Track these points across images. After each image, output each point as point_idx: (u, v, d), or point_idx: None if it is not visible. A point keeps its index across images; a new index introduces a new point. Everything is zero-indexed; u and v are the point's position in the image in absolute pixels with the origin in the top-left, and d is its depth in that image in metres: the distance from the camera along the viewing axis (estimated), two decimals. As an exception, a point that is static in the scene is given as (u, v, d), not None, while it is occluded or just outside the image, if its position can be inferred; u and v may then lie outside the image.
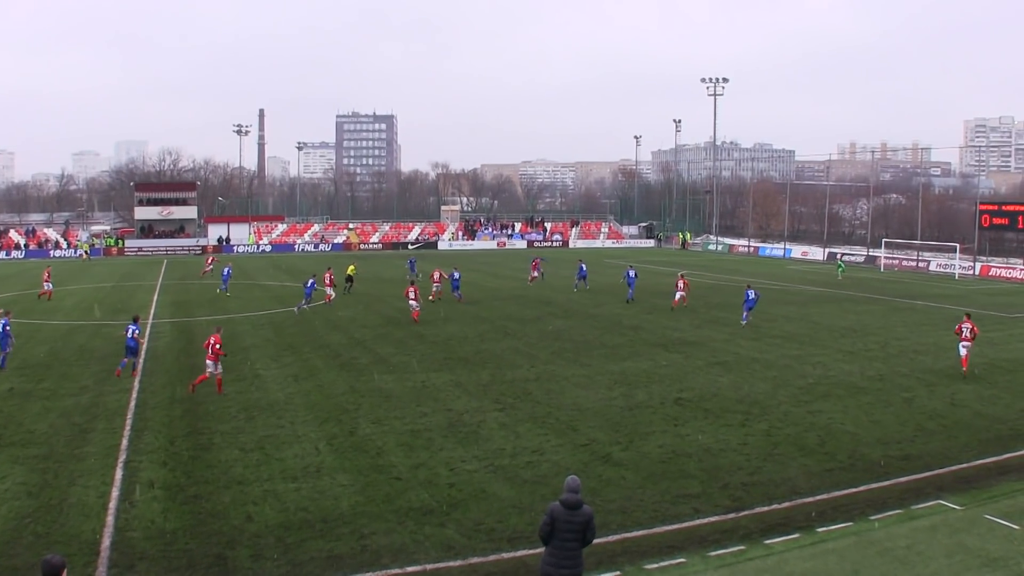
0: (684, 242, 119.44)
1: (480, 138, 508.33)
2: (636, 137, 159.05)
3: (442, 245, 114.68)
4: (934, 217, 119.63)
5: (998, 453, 21.17)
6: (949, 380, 29.70)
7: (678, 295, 47.82)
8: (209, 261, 71.57)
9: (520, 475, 18.95)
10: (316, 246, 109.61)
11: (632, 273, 53.01)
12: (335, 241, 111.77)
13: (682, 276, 50.53)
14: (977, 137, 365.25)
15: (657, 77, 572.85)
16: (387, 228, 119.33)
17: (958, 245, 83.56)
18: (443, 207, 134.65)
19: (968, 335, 31.09)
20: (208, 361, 26.35)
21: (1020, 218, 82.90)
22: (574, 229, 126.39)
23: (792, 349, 35.54)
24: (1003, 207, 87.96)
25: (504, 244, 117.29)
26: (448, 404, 25.27)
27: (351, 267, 59.51)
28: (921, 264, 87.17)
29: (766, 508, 17.22)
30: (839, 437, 22.24)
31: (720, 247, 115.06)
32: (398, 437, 21.77)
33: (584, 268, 59.66)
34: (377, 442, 21.32)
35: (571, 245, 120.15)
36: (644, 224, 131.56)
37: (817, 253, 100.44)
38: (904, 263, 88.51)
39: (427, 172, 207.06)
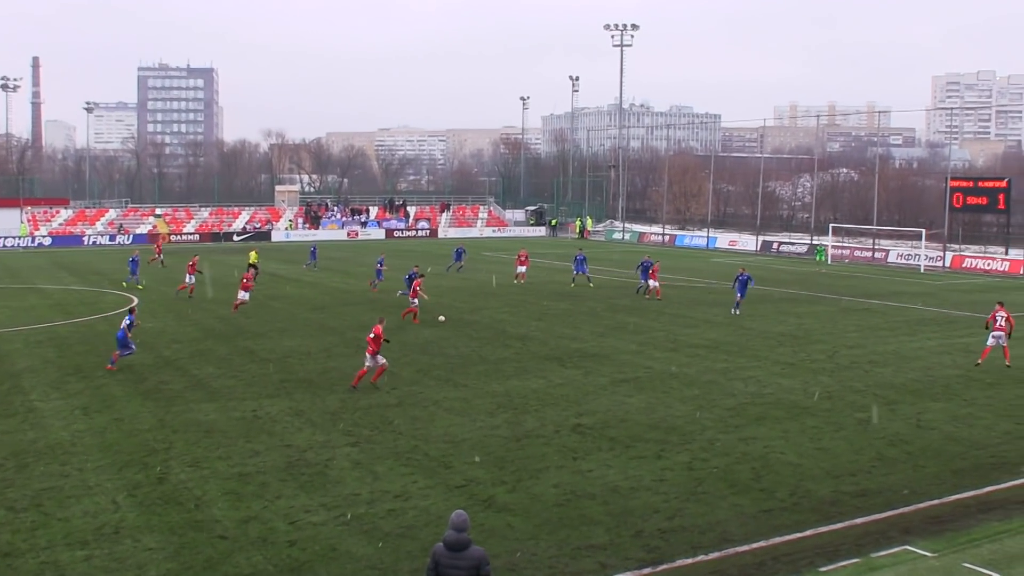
0: (583, 230, 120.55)
1: (326, 101, 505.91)
2: (523, 99, 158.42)
3: (277, 235, 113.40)
4: (894, 196, 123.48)
5: (977, 486, 21.76)
6: (914, 396, 30.52)
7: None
8: None
9: (380, 527, 18.77)
10: (112, 238, 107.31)
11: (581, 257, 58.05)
12: (137, 231, 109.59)
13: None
14: (949, 97, 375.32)
15: (549, 24, 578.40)
16: (206, 214, 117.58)
17: (924, 231, 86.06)
18: (278, 187, 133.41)
19: (1003, 323, 35.15)
20: (367, 354, 30.60)
21: (1001, 196, 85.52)
22: (444, 214, 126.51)
23: (718, 361, 36.09)
24: (979, 183, 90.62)
25: (356, 234, 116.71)
26: (287, 439, 24.94)
27: (253, 253, 61.97)
28: (878, 254, 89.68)
29: (690, 560, 17.37)
30: (779, 470, 22.62)
31: (628, 235, 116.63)
32: (222, 483, 21.37)
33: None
34: (195, 491, 20.89)
35: (441, 235, 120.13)
36: (533, 208, 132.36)
37: (749, 242, 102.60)
38: (857, 253, 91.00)
39: (257, 142, 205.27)
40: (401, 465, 22.73)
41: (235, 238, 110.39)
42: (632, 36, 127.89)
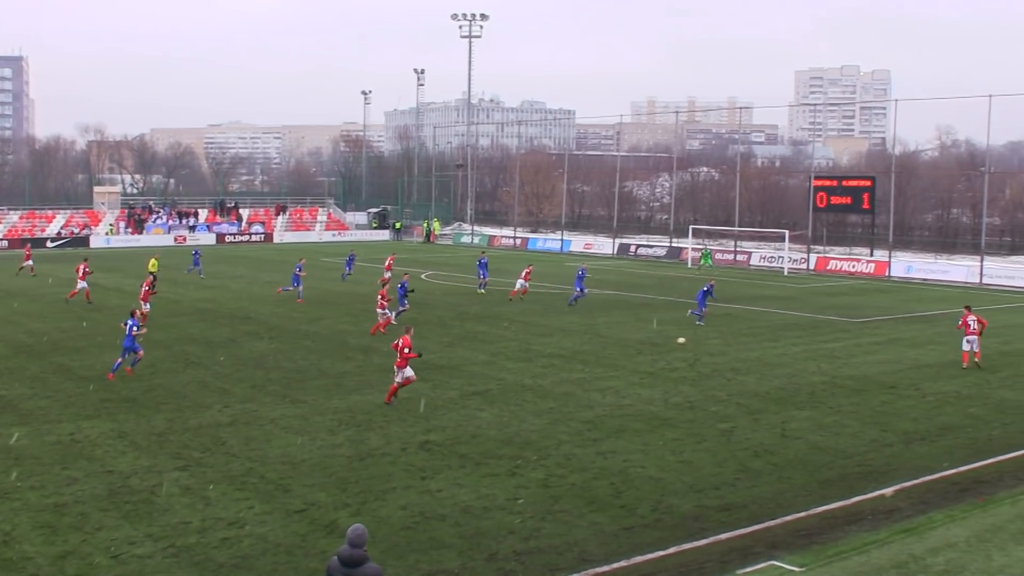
0: (430, 233, 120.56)
1: (150, 94, 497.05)
2: (364, 93, 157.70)
3: (96, 241, 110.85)
4: (757, 196, 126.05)
5: (844, 496, 22.34)
6: (779, 405, 31.18)
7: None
8: None
9: (213, 558, 18.49)
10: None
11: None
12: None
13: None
14: (812, 93, 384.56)
15: (393, 13, 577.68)
16: (16, 218, 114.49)
17: (788, 232, 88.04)
18: (97, 188, 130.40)
19: (975, 328, 37.93)
20: (396, 366, 30.74)
21: (865, 196, 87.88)
22: (280, 217, 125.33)
23: (574, 372, 36.40)
24: (843, 182, 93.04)
25: (184, 239, 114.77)
26: (108, 464, 24.40)
27: (153, 260, 62.19)
28: (741, 257, 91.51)
29: (548, 584, 17.46)
30: (639, 485, 22.88)
31: (478, 239, 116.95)
32: (35, 516, 20.80)
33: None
34: (3, 525, 20.29)
35: (277, 239, 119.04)
36: (376, 210, 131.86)
37: (605, 245, 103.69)
38: (719, 256, 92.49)
39: (73, 139, 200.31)
40: (235, 490, 22.41)
41: (49, 244, 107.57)
42: (481, 27, 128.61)
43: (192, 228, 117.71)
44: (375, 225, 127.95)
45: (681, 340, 42.03)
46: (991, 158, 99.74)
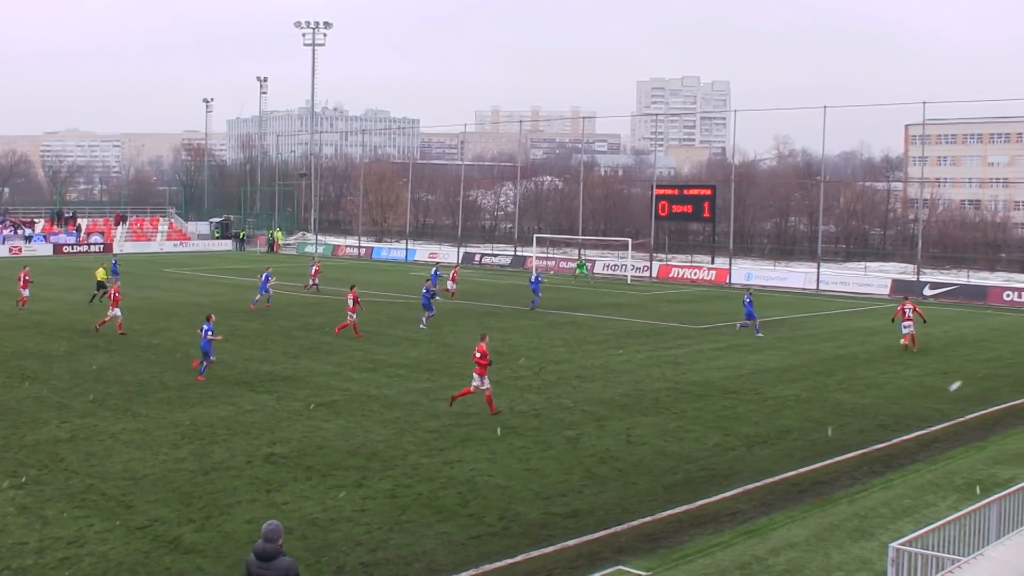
0: (273, 243, 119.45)
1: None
2: (206, 101, 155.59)
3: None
4: (600, 205, 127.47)
5: (688, 500, 22.70)
6: (624, 412, 31.53)
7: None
8: None
9: (51, 578, 18.05)
10: None
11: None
12: None
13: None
14: (654, 103, 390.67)
15: (235, 20, 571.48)
16: None
17: (630, 240, 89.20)
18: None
19: (911, 314, 44.62)
20: (476, 374, 30.69)
21: (706, 204, 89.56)
22: (120, 227, 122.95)
23: (420, 381, 36.38)
24: (684, 191, 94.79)
25: (20, 250, 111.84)
26: (-61, 483, 23.65)
27: (99, 270, 61.67)
28: (585, 265, 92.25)
29: (396, 595, 17.40)
30: (486, 493, 22.94)
31: (322, 248, 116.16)
32: None
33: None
34: None
35: (116, 249, 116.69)
36: (218, 220, 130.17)
37: (450, 254, 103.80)
38: (563, 265, 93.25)
39: None
40: (75, 507, 21.89)
41: None
42: (325, 35, 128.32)
43: (28, 239, 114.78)
44: (217, 235, 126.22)
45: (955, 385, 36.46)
46: (826, 167, 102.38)
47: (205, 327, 36.85)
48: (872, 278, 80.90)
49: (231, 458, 25.87)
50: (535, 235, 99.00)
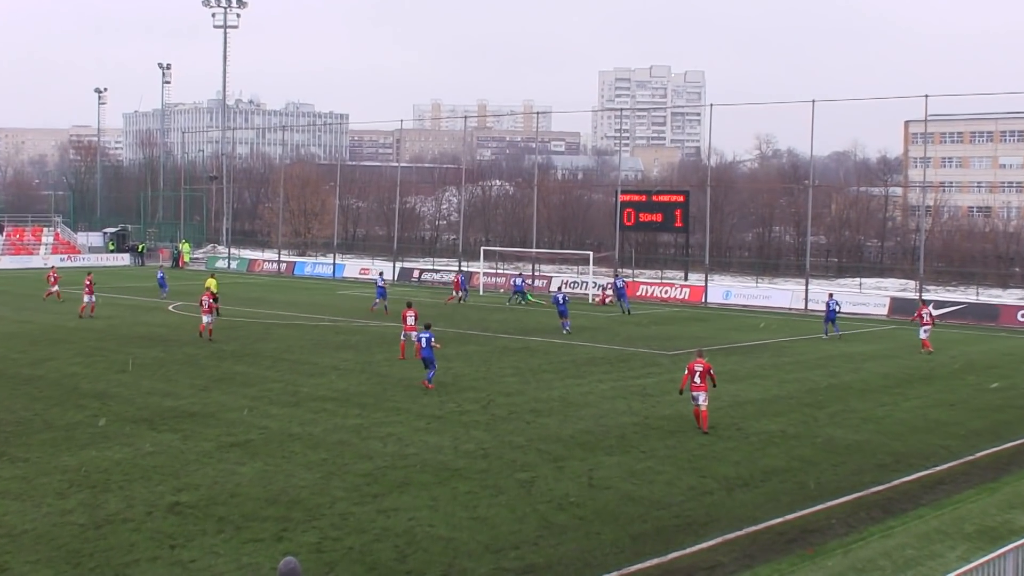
0: (178, 257, 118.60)
1: None
2: (99, 91, 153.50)
3: None
4: (557, 213, 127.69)
5: (659, 552, 22.61)
6: (585, 451, 31.46)
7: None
8: None
9: (-84, 649, 17.81)
10: None
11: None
12: None
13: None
14: (619, 97, 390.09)
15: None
16: None
17: (592, 254, 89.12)
18: None
19: (928, 319, 53.11)
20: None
21: (678, 212, 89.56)
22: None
23: (350, 417, 36.18)
24: (654, 197, 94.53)
25: None
26: None
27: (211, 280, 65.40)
28: (540, 283, 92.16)
29: (322, 665, 17.29)
30: (427, 546, 22.81)
31: (236, 263, 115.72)
32: None
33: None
34: None
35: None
36: (113, 230, 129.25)
37: (384, 269, 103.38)
38: (514, 282, 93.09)
39: None
40: (-59, 568, 21.63)
41: None
42: (239, 15, 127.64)
43: None
44: (112, 248, 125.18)
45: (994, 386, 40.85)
46: (815, 170, 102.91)
47: (425, 335, 41.37)
48: (868, 296, 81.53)
49: (128, 509, 25.56)
50: (483, 248, 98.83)
